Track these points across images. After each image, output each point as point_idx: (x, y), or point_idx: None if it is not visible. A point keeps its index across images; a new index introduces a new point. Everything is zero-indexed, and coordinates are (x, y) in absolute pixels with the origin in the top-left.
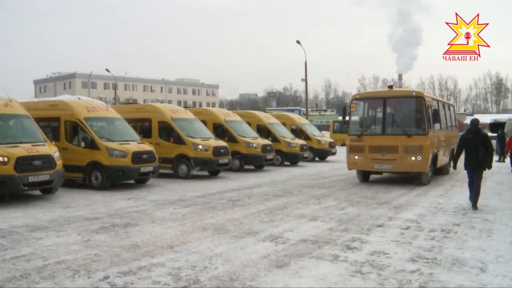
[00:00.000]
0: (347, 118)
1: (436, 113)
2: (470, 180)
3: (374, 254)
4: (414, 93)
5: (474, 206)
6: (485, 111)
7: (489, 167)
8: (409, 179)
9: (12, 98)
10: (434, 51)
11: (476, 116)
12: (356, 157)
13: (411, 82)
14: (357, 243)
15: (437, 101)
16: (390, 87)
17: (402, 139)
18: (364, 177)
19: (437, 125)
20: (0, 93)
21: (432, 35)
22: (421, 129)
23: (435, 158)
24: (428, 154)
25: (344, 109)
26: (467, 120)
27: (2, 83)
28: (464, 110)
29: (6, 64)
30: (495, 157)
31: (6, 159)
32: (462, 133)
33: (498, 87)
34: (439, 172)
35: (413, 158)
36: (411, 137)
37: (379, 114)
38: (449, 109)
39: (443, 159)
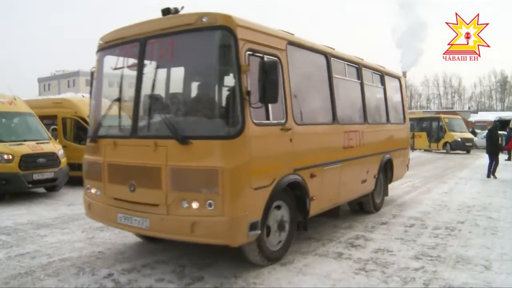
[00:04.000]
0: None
1: (272, 71)
2: (490, 162)
3: (378, 251)
4: (204, 19)
5: (494, 175)
6: (490, 109)
7: (501, 152)
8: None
9: (16, 96)
10: (438, 48)
11: (480, 113)
12: (93, 190)
13: (415, 80)
14: (361, 240)
15: (325, 54)
16: (166, 12)
17: (170, 150)
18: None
19: (306, 109)
20: (4, 91)
21: (435, 31)
22: (224, 119)
23: (304, 193)
24: (238, 192)
25: (91, 77)
26: (472, 118)
27: (7, 81)
28: (469, 108)
29: (10, 62)
30: (505, 156)
31: (10, 157)
32: (488, 131)
33: (503, 84)
34: (359, 207)
35: (194, 206)
36: (190, 145)
37: (129, 83)
38: (381, 82)
39: (346, 188)
